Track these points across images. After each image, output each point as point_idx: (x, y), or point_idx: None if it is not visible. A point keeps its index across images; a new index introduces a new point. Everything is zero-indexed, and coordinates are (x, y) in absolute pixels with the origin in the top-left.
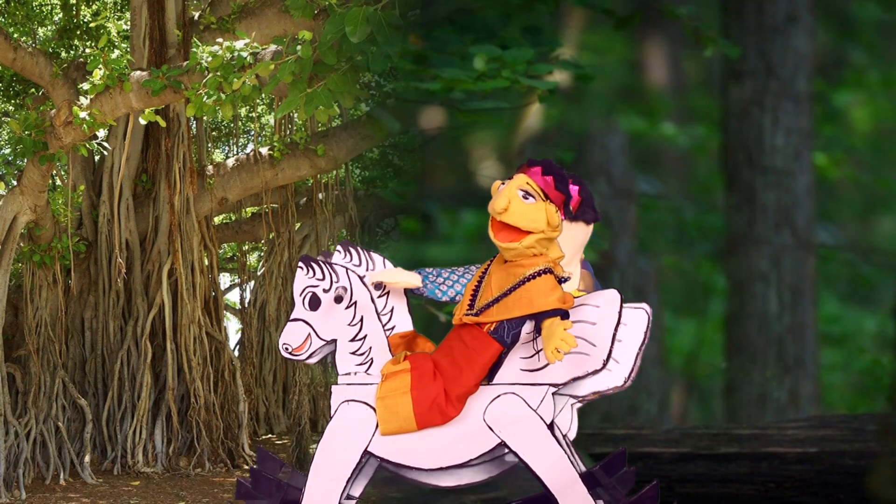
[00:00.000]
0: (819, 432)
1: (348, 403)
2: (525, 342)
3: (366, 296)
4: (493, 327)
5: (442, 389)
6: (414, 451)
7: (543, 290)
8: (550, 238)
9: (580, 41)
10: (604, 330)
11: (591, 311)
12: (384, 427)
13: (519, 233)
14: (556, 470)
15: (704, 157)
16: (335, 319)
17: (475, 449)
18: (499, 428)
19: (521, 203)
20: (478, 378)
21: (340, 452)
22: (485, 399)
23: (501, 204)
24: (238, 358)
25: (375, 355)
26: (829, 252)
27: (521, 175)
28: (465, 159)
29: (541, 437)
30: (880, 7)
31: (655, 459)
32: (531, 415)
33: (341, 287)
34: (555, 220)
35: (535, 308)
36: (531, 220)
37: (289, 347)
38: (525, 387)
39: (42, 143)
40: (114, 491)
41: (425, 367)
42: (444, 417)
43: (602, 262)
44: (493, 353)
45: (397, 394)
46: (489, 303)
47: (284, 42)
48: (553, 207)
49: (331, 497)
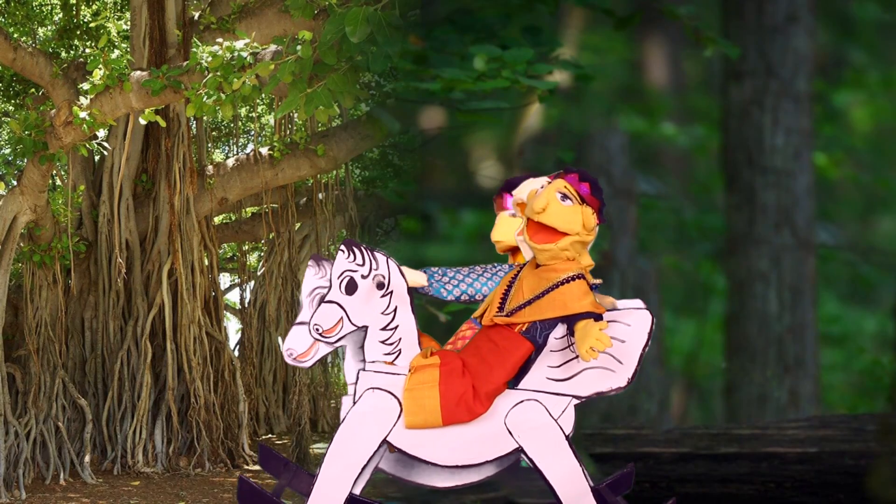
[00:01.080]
0: (819, 432)
1: (374, 391)
2: (555, 350)
3: (402, 286)
4: (526, 328)
5: (470, 386)
6: (432, 445)
7: (577, 294)
8: (585, 242)
9: (580, 41)
10: (632, 348)
11: (622, 329)
12: (409, 419)
13: (555, 234)
14: (569, 481)
15: (704, 157)
16: (370, 306)
17: (493, 451)
18: (518, 433)
19: (559, 204)
20: (507, 376)
21: (360, 439)
22: (508, 403)
23: (540, 204)
24: (238, 358)
25: (404, 346)
26: (829, 252)
27: (559, 180)
28: (465, 159)
29: (559, 446)
30: (880, 7)
31: (655, 459)
32: (552, 423)
33: (380, 274)
34: (590, 223)
35: (569, 310)
36: (568, 222)
37: (320, 328)
38: (549, 395)
39: (42, 143)
40: (114, 491)
41: (454, 364)
42: (471, 414)
43: (602, 262)
44: (524, 353)
45: (425, 387)
46: (521, 304)
47: (284, 42)
48: (589, 210)
49: (343, 483)
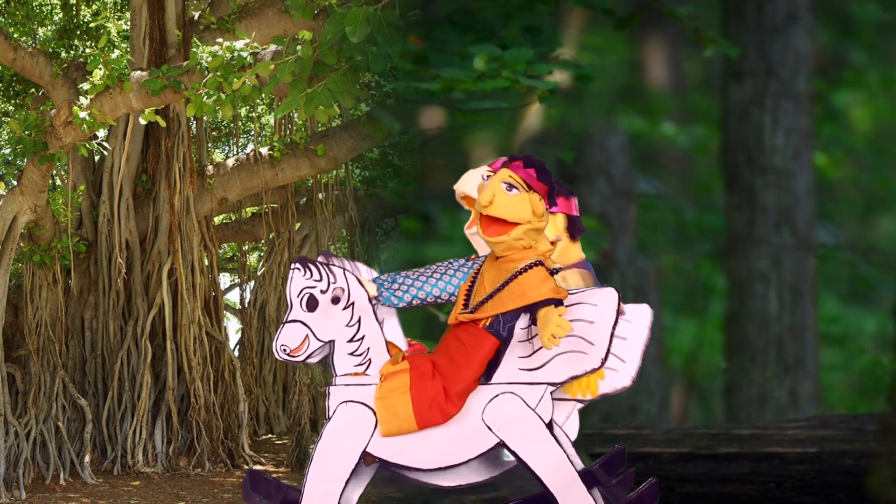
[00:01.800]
0: (819, 432)
1: (346, 404)
2: (522, 340)
3: (363, 297)
4: (489, 322)
5: (441, 388)
6: (412, 451)
7: (536, 282)
8: (538, 228)
9: (580, 41)
10: (602, 328)
11: (589, 310)
12: (384, 427)
13: (506, 225)
14: (555, 469)
15: (704, 157)
16: (333, 320)
17: (474, 449)
18: (497, 427)
19: (505, 195)
20: (476, 374)
21: (339, 453)
22: (483, 398)
23: (486, 197)
24: (238, 358)
25: (374, 356)
26: (829, 252)
27: (503, 170)
28: (465, 159)
29: (539, 436)
30: (880, 7)
31: (655, 459)
32: (530, 414)
33: (339, 288)
34: (540, 209)
35: (528, 299)
36: (516, 211)
37: (287, 349)
38: (523, 386)
39: (42, 143)
40: (114, 491)
41: (424, 367)
42: (444, 416)
43: (602, 262)
44: (489, 348)
45: (396, 393)
46: (483, 299)
47: (284, 42)
48: (537, 197)
49: (330, 498)
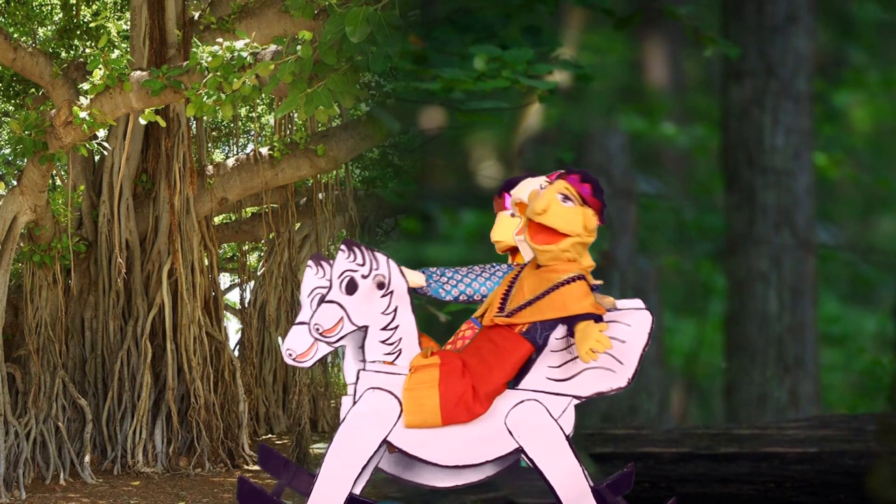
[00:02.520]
0: (819, 432)
1: (374, 391)
2: (555, 350)
3: (403, 286)
4: (526, 328)
5: (470, 386)
6: (432, 445)
7: (577, 295)
8: (585, 243)
9: (580, 41)
10: (633, 349)
11: (623, 330)
12: (409, 419)
13: (556, 235)
14: (569, 481)
15: (704, 157)
16: (371, 306)
17: (493, 451)
18: (519, 433)
19: (560, 206)
20: (507, 377)
21: (360, 439)
22: (508, 403)
23: (541, 205)
24: (238, 358)
25: (405, 346)
26: (829, 252)
27: (560, 181)
28: (465, 159)
29: (559, 446)
30: (880, 7)
31: (655, 459)
32: (552, 423)
33: (381, 274)
34: (591, 224)
35: (569, 311)
36: (569, 223)
37: (320, 328)
38: (549, 395)
39: (42, 143)
40: (114, 491)
41: (454, 364)
42: (470, 414)
43: (602, 262)
44: (524, 354)
45: (425, 387)
46: (521, 305)
47: (284, 42)
48: (590, 212)
49: (343, 483)
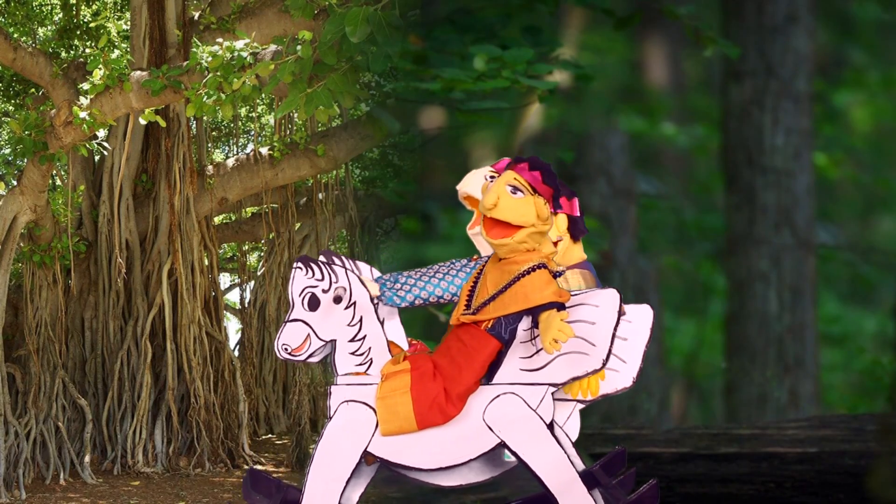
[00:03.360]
0: (819, 432)
1: (348, 404)
2: (524, 341)
3: (365, 296)
4: (491, 324)
5: (442, 388)
6: (413, 451)
7: (538, 285)
8: (542, 231)
9: (580, 41)
10: (603, 329)
11: (590, 311)
12: (384, 427)
13: (510, 228)
14: (555, 470)
15: (704, 157)
16: (334, 320)
17: (474, 449)
18: (498, 428)
19: (509, 198)
20: (477, 376)
21: (340, 453)
22: (484, 399)
23: (490, 200)
24: (238, 358)
25: (375, 355)
26: (829, 252)
27: (508, 171)
28: (465, 159)
29: (540, 436)
30: (880, 7)
31: (655, 459)
32: (531, 414)
33: (341, 287)
34: (544, 213)
35: (531, 302)
36: (521, 214)
37: (288, 348)
38: (524, 387)
39: (42, 143)
40: (114, 491)
41: (425, 367)
42: (444, 416)
43: (602, 262)
44: (491, 350)
45: (397, 393)
46: (485, 301)
47: (284, 42)
48: (542, 200)
49: (330, 497)
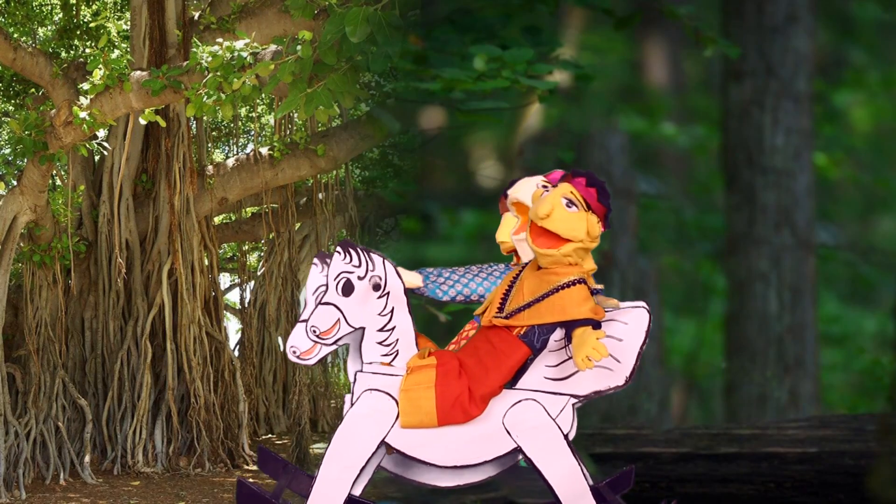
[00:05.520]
0: (819, 432)
1: (371, 392)
2: (552, 351)
3: (399, 288)
4: (524, 331)
5: (466, 388)
6: (430, 446)
7: (577, 300)
8: (588, 248)
9: (580, 41)
10: (630, 347)
11: (620, 328)
12: (405, 420)
13: (558, 240)
14: (568, 480)
15: (704, 157)
16: (367, 307)
17: (491, 451)
18: (517, 433)
19: (563, 211)
20: (504, 379)
21: (359, 440)
22: (506, 403)
23: (545, 209)
24: (238, 358)
25: (402, 347)
26: (829, 252)
27: (565, 184)
28: (465, 159)
29: (557, 446)
30: (880, 7)
31: (655, 459)
32: (550, 423)
33: (377, 276)
34: (595, 231)
35: (567, 315)
36: (572, 229)
37: (317, 330)
38: (547, 395)
39: (42, 143)
40: (114, 491)
41: (451, 365)
42: (465, 416)
43: (602, 262)
44: (520, 357)
45: (421, 388)
46: (521, 307)
47: (284, 42)
48: (594, 218)
49: (342, 484)
